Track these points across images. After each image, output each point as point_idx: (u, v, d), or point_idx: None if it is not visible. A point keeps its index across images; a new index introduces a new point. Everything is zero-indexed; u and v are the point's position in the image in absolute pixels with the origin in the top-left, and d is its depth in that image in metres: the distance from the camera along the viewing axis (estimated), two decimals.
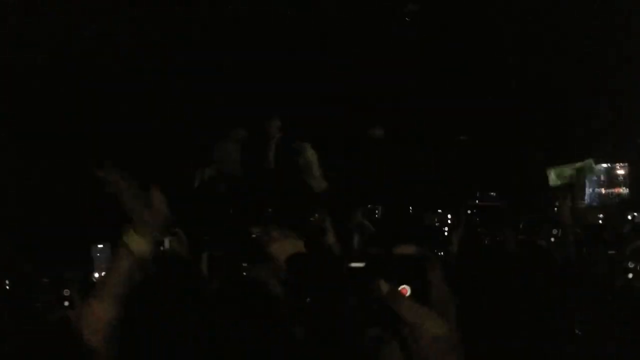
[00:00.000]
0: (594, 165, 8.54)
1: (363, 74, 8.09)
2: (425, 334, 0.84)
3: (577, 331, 2.97)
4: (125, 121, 6.80)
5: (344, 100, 7.98)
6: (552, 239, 3.16)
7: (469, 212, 4.14)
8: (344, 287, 0.86)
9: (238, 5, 8.02)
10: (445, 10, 8.35)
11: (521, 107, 8.49)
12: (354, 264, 0.85)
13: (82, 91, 6.60)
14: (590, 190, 8.73)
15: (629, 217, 5.55)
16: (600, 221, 4.98)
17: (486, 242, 3.66)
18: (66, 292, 2.34)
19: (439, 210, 4.32)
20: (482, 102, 8.39)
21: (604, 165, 8.77)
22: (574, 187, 8.25)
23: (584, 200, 8.28)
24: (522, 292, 2.99)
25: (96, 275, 3.72)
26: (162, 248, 2.74)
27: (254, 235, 2.03)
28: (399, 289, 0.85)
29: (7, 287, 2.94)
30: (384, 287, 0.85)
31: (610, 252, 2.95)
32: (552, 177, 4.02)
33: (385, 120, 8.20)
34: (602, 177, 8.74)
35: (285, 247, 1.75)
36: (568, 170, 3.82)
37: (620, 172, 8.62)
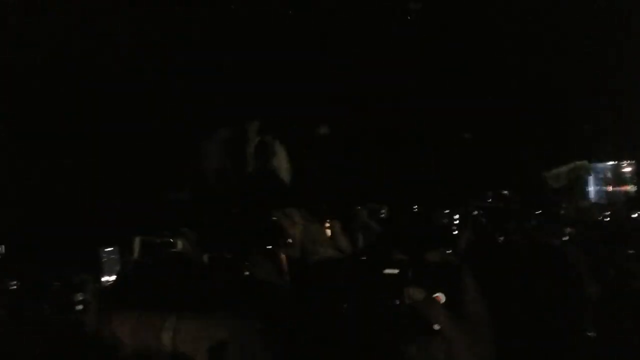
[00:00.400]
0: (589, 165, 8.58)
1: (364, 73, 8.07)
2: (459, 343, 0.82)
3: (589, 333, 2.94)
4: (126, 121, 6.77)
5: (344, 100, 7.96)
6: (567, 238, 3.13)
7: (475, 212, 4.11)
8: (379, 293, 0.84)
9: (236, 5, 7.98)
10: (446, 9, 8.33)
11: (523, 107, 8.48)
12: (388, 271, 0.84)
13: (82, 91, 6.56)
14: (597, 188, 8.74)
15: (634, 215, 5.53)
16: (607, 219, 4.96)
17: (499, 242, 3.64)
18: (79, 296, 2.31)
19: (446, 211, 4.29)
20: (486, 102, 8.37)
21: (610, 163, 8.79)
22: (574, 186, 8.28)
23: (584, 198, 8.28)
24: (534, 293, 2.95)
25: (105, 278, 3.71)
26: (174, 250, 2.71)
27: (274, 218, 1.98)
28: (434, 296, 0.84)
29: (14, 289, 2.90)
30: (420, 294, 0.84)
31: (630, 251, 2.94)
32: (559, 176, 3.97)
33: (387, 119, 8.20)
34: (609, 175, 8.74)
35: (307, 230, 1.74)
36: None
37: (627, 169, 8.63)
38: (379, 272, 0.85)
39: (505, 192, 4.81)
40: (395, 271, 0.84)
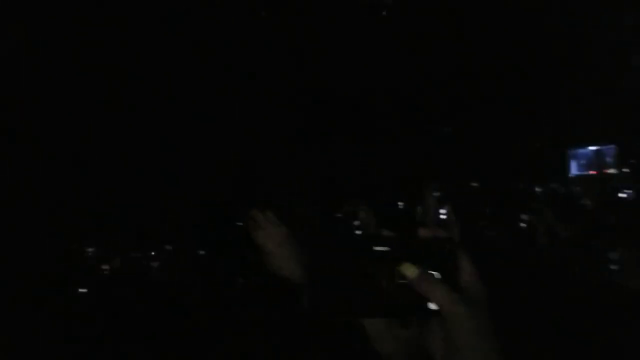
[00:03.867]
0: None
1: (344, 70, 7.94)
2: (460, 321, 0.76)
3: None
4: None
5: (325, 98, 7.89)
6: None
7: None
8: (370, 273, 0.78)
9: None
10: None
11: (502, 95, 8.35)
12: (378, 248, 0.78)
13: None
14: (579, 172, 8.73)
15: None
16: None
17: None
18: None
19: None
20: (463, 93, 8.26)
21: (593, 147, 8.76)
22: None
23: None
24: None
25: None
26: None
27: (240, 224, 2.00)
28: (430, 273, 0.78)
29: None
30: (413, 270, 0.77)
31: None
32: None
33: (364, 116, 8.09)
34: (592, 159, 8.73)
35: (270, 234, 1.74)
36: None
37: (610, 154, 8.60)
38: (369, 250, 0.78)
39: (475, 184, 4.71)
40: (386, 248, 0.78)
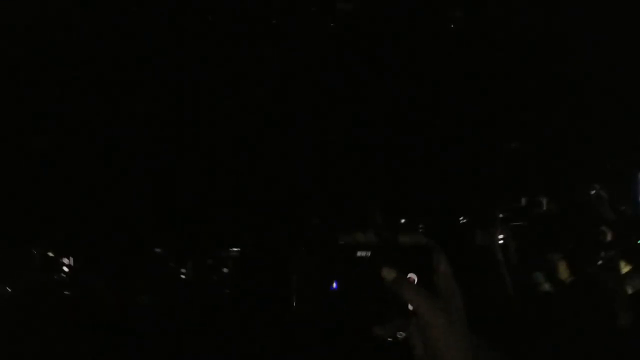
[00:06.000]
0: None
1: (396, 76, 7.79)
2: (433, 322, 0.81)
3: None
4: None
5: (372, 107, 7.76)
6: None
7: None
8: (352, 276, 0.84)
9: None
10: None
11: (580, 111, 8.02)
12: (360, 254, 0.84)
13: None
14: None
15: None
16: None
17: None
18: None
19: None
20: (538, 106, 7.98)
21: None
22: None
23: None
24: None
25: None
26: None
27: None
28: (407, 277, 0.84)
29: None
30: (391, 274, 0.82)
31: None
32: None
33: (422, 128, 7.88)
34: None
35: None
36: None
37: None
38: (351, 255, 0.83)
39: (542, 199, 4.44)
40: (368, 253, 0.83)
